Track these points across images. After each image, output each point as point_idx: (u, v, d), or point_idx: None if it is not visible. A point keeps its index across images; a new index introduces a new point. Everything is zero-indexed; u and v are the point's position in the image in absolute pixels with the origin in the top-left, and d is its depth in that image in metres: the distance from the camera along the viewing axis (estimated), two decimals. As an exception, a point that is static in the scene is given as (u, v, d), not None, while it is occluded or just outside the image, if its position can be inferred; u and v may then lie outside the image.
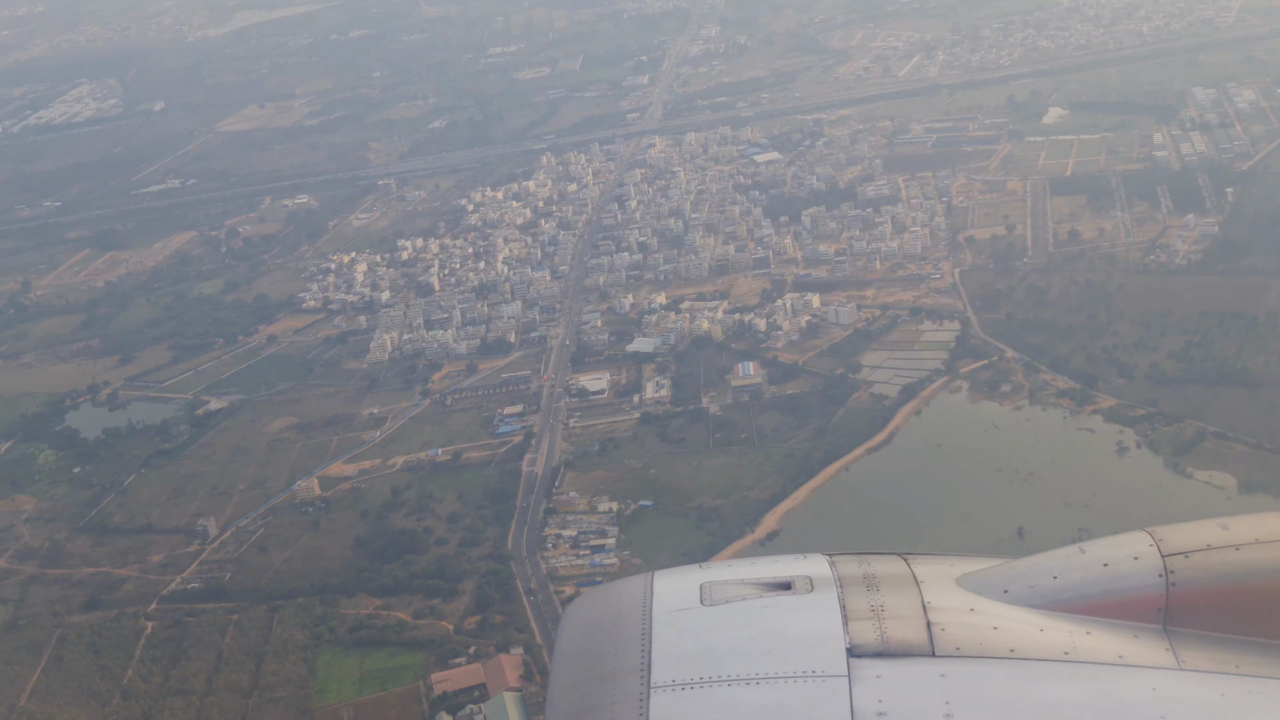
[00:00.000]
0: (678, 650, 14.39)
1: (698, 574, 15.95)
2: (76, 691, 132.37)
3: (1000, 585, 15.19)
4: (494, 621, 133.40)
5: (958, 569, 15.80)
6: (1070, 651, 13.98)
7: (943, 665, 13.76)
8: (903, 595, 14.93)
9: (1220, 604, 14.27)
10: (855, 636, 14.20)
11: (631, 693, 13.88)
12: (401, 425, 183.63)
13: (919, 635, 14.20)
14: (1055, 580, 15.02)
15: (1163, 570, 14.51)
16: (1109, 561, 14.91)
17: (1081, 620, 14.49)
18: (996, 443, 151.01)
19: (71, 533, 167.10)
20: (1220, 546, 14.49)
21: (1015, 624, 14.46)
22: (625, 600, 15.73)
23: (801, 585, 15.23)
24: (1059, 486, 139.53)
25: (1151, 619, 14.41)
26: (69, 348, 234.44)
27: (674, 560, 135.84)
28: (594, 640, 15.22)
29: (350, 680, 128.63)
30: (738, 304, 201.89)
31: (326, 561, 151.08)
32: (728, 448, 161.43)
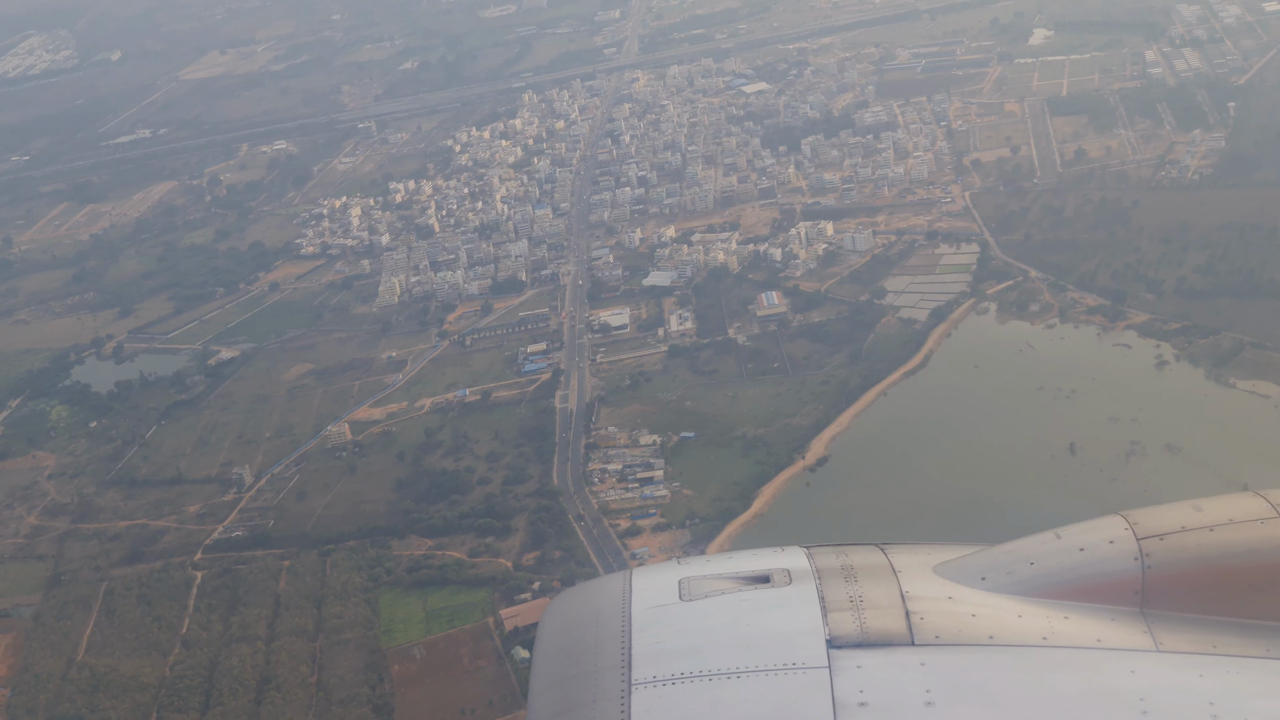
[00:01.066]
0: (658, 646, 14.36)
1: (676, 569, 15.90)
2: (134, 643, 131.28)
3: (977, 573, 15.28)
4: (553, 557, 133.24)
5: (935, 558, 15.83)
6: (1049, 636, 14.06)
7: (922, 654, 13.80)
8: (881, 585, 14.91)
9: (1196, 585, 14.34)
10: (835, 628, 14.20)
11: (613, 690, 13.84)
12: (423, 367, 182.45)
13: (898, 625, 14.23)
14: (1032, 566, 15.10)
15: (1138, 553, 14.59)
16: (1085, 546, 15.01)
17: (1059, 605, 14.54)
18: (1033, 362, 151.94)
19: (99, 487, 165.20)
20: (1195, 528, 14.63)
21: (993, 611, 14.51)
22: (605, 597, 15.63)
23: (780, 578, 15.18)
24: (1103, 402, 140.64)
25: (1129, 602, 14.46)
26: (63, 302, 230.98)
27: (723, 491, 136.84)
28: (574, 638, 15.13)
29: (415, 620, 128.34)
30: (749, 235, 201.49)
31: (369, 505, 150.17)
32: (761, 377, 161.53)
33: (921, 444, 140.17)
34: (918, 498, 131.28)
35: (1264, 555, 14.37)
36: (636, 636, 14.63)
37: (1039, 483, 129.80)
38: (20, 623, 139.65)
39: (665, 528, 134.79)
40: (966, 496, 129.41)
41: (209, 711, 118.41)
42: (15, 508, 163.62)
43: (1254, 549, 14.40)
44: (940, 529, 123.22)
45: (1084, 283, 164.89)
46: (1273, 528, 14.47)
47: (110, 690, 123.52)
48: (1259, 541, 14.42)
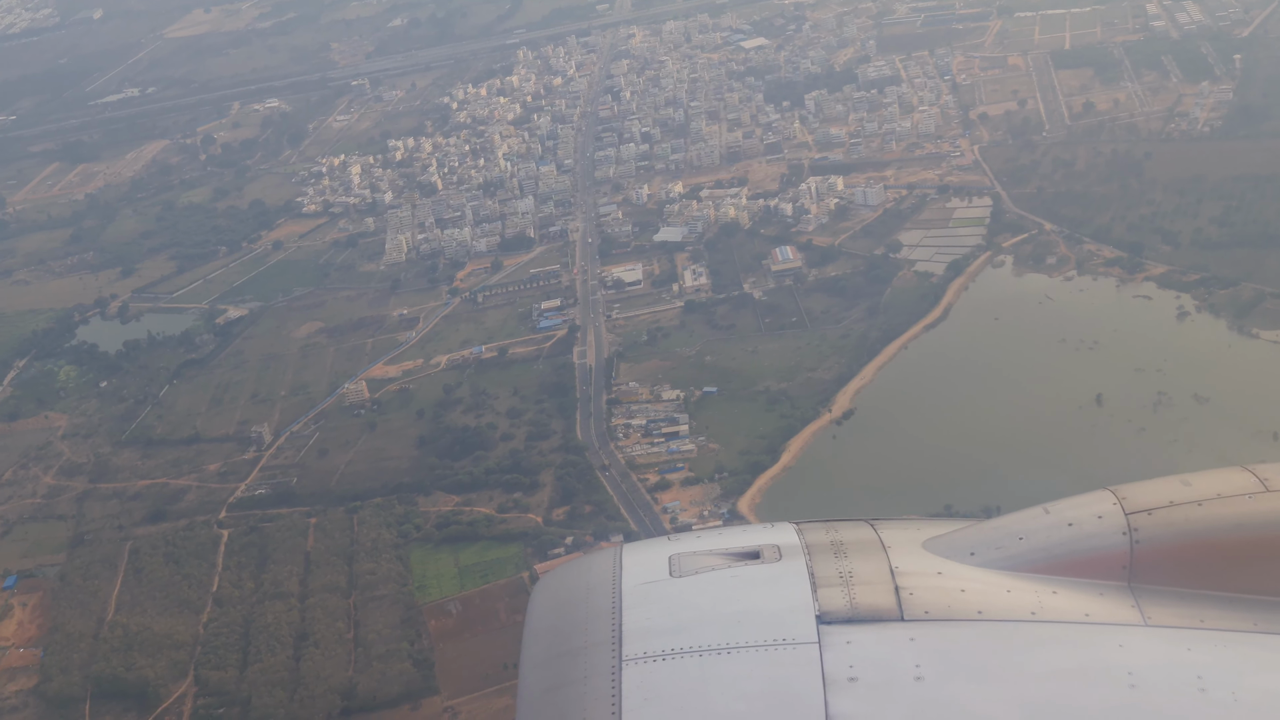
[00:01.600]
0: (648, 623, 14.42)
1: (666, 546, 15.99)
2: (165, 601, 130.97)
3: (967, 548, 15.25)
4: (584, 511, 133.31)
5: (924, 533, 15.81)
6: (1037, 611, 14.08)
7: (912, 629, 13.84)
8: (870, 561, 14.98)
9: (1184, 560, 14.37)
10: (824, 603, 14.25)
11: (603, 666, 13.97)
12: (435, 325, 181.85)
13: (887, 600, 14.27)
14: (1021, 541, 15.06)
15: (1126, 528, 14.53)
16: (1074, 521, 14.93)
17: (1048, 580, 14.55)
18: (1053, 314, 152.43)
19: (114, 447, 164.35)
20: (1183, 503, 14.59)
21: (982, 586, 14.54)
22: (595, 574, 15.71)
23: (770, 554, 15.26)
24: (1127, 353, 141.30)
25: (1117, 577, 14.45)
26: (62, 262, 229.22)
27: (750, 445, 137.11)
28: (564, 615, 15.27)
29: (448, 575, 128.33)
30: (757, 190, 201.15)
31: (392, 462, 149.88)
32: (780, 331, 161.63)
33: (946, 396, 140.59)
34: (946, 450, 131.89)
35: (1252, 530, 14.37)
36: (627, 613, 14.69)
37: (1068, 434, 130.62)
38: (46, 583, 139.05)
39: (694, 481, 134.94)
40: (996, 448, 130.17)
41: (248, 668, 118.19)
42: (30, 468, 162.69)
43: (1242, 523, 14.38)
44: (970, 481, 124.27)
45: (1100, 235, 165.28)
46: (1261, 502, 14.46)
47: (144, 648, 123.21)
48: (1247, 516, 14.40)
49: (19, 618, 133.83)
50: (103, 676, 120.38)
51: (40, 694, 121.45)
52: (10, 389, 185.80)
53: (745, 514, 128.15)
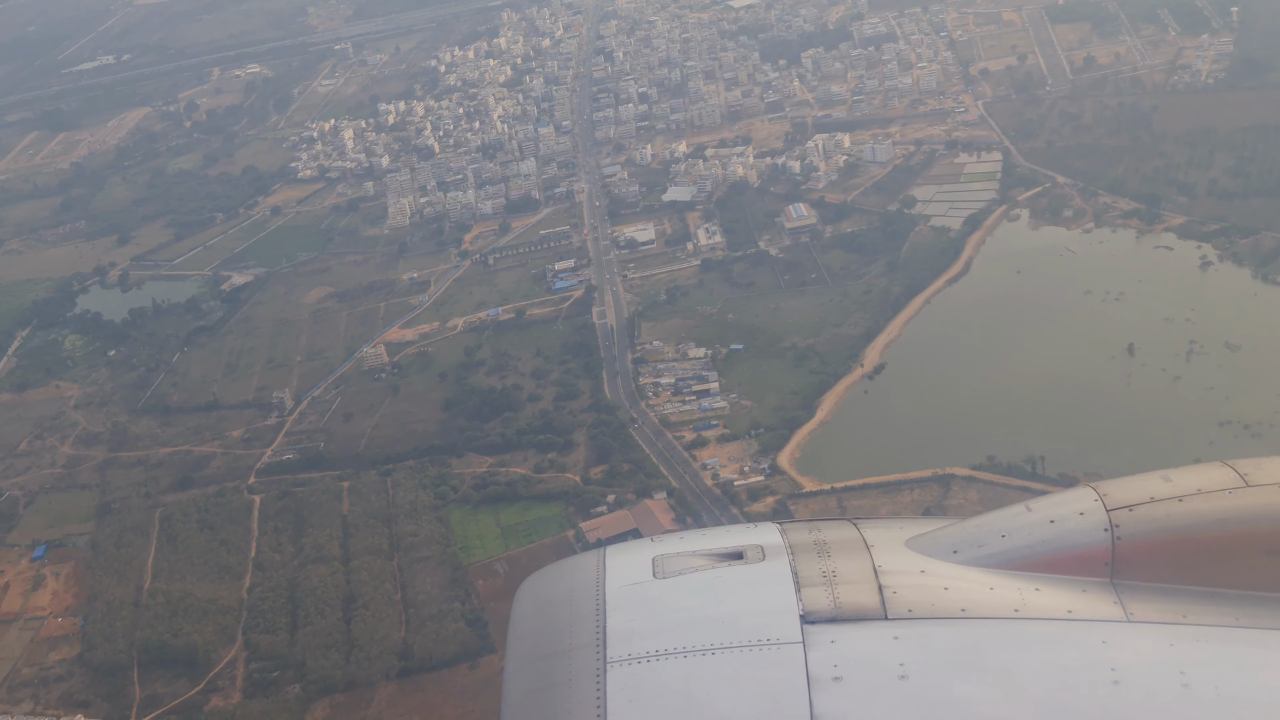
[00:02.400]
0: (632, 624, 14.44)
1: (650, 547, 15.97)
2: (204, 567, 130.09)
3: (950, 546, 15.27)
4: (622, 470, 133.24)
5: (907, 531, 15.83)
6: (1020, 609, 14.15)
7: (895, 627, 13.88)
8: (854, 560, 14.98)
9: (1166, 556, 14.49)
10: (808, 603, 14.23)
11: (588, 668, 13.96)
12: (447, 288, 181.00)
13: (871, 599, 14.29)
14: (1003, 539, 15.11)
15: (1108, 525, 14.61)
16: (1055, 518, 15.01)
17: (1031, 577, 14.62)
18: (1075, 266, 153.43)
19: (132, 415, 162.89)
20: (1164, 499, 14.65)
21: (965, 584, 14.60)
22: (579, 576, 15.74)
23: (753, 554, 15.24)
24: (1153, 303, 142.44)
25: (1099, 573, 14.56)
26: (54, 231, 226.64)
27: (783, 401, 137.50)
28: (549, 617, 15.28)
29: (491, 536, 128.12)
30: (762, 148, 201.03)
31: (419, 425, 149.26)
32: (801, 288, 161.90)
33: (976, 349, 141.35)
34: (982, 401, 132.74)
35: (1232, 525, 14.43)
36: (611, 615, 14.65)
37: (1103, 383, 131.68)
38: (77, 552, 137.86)
39: (730, 438, 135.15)
40: (1032, 399, 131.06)
41: (298, 631, 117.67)
42: (46, 438, 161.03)
43: (1223, 519, 14.42)
44: (1010, 431, 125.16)
45: (1115, 187, 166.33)
46: (1241, 497, 14.50)
47: (189, 614, 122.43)
48: (1228, 511, 14.44)
49: (53, 587, 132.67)
50: (149, 643, 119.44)
51: (85, 662, 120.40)
52: (15, 359, 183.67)
53: (786, 468, 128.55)
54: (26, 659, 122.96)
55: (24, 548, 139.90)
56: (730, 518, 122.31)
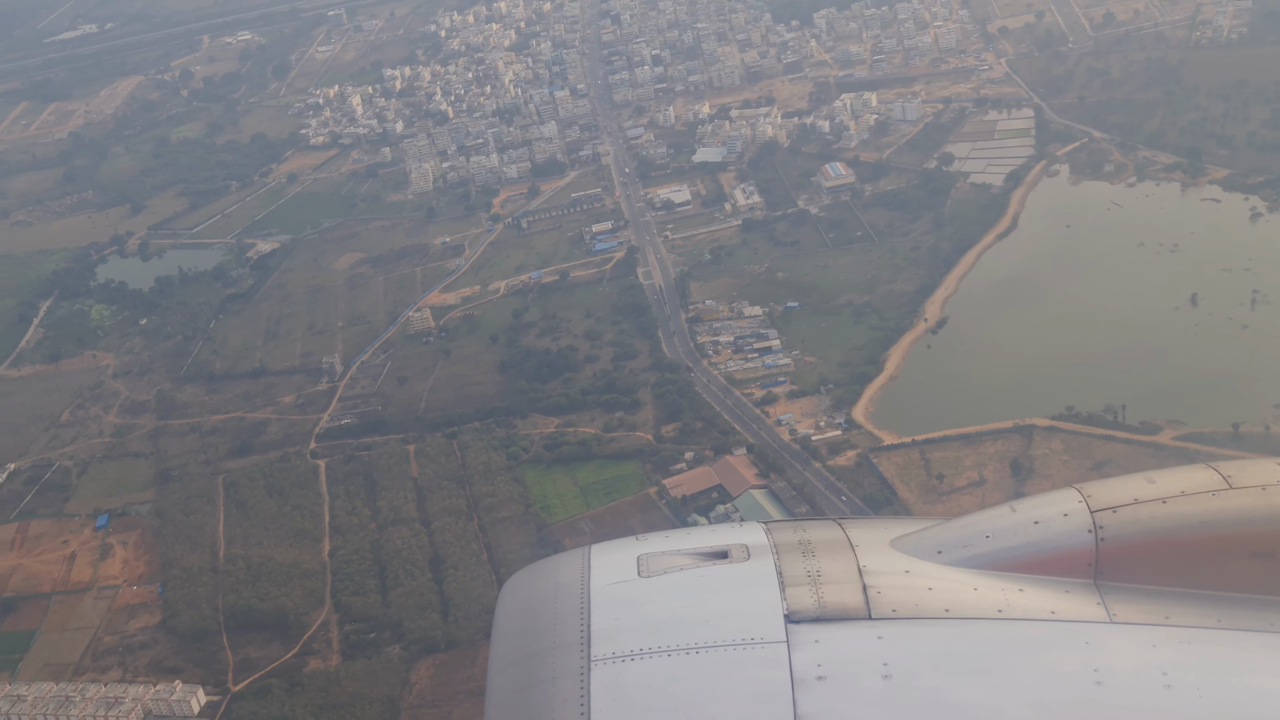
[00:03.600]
0: (617, 623, 14.42)
1: (635, 546, 15.85)
2: (279, 532, 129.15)
3: (934, 546, 15.25)
4: (694, 428, 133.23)
5: (892, 532, 15.78)
6: (1004, 609, 14.19)
7: (879, 627, 13.90)
8: (838, 560, 14.94)
9: (1149, 557, 14.52)
10: (793, 602, 14.21)
11: (572, 667, 13.95)
12: (483, 251, 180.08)
13: (855, 599, 14.27)
14: (988, 540, 15.09)
15: (1092, 526, 14.62)
16: (1039, 519, 14.95)
17: (1014, 578, 14.65)
18: (1123, 219, 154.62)
19: (175, 383, 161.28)
20: (1147, 500, 14.67)
21: (949, 584, 14.61)
22: (563, 574, 15.63)
23: (738, 554, 15.19)
24: (1208, 254, 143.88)
25: (1083, 574, 14.59)
26: (61, 202, 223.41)
27: (848, 357, 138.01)
28: (533, 615, 15.20)
29: (569, 495, 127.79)
30: (786, 109, 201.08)
31: (476, 387, 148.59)
32: (847, 246, 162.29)
33: (1036, 301, 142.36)
34: (1049, 353, 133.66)
35: (1216, 527, 14.43)
36: (595, 613, 14.61)
37: (1171, 333, 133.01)
38: (142, 520, 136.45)
39: (800, 394, 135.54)
40: (1101, 349, 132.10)
41: (390, 593, 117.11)
42: (89, 407, 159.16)
43: (1206, 521, 14.44)
44: (1083, 382, 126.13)
45: (1153, 142, 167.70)
46: (1224, 499, 14.51)
47: (272, 579, 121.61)
48: (1211, 513, 14.46)
49: (123, 556, 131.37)
50: (235, 608, 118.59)
51: (168, 629, 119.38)
52: (42, 330, 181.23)
53: (861, 422, 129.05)
54: (106, 627, 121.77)
55: (84, 517, 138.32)
56: (814, 472, 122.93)
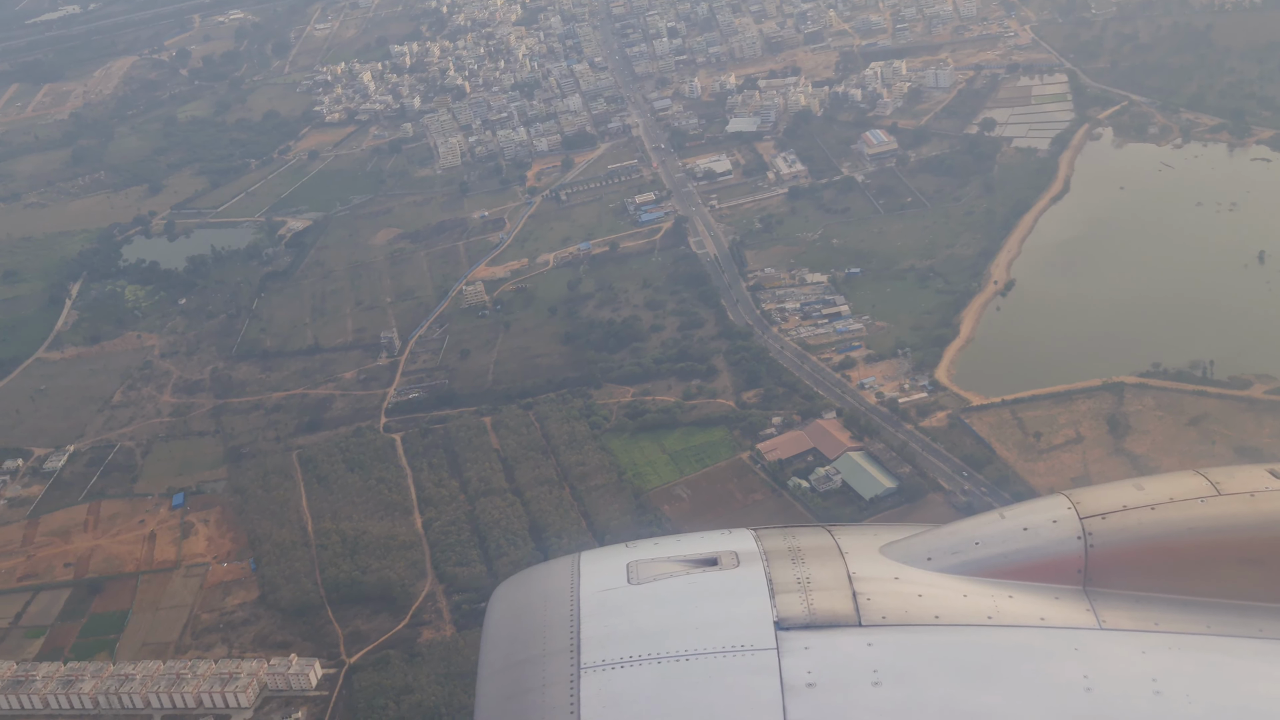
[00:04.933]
0: (607, 630, 14.43)
1: (624, 553, 15.86)
2: (365, 506, 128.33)
3: (923, 553, 15.35)
4: (776, 393, 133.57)
5: (881, 538, 15.90)
6: (994, 616, 14.24)
7: (869, 634, 13.93)
8: (828, 567, 14.99)
9: (1138, 563, 14.60)
10: (782, 609, 14.25)
11: (562, 674, 13.96)
12: (524, 225, 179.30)
13: (845, 606, 14.31)
14: (977, 546, 15.19)
15: (1081, 532, 14.72)
16: (1029, 526, 15.10)
17: (1004, 584, 14.73)
18: (1175, 180, 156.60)
19: (227, 361, 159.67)
20: (1136, 507, 14.78)
21: (939, 591, 14.65)
22: (553, 582, 15.65)
23: (728, 561, 15.21)
24: (1268, 212, 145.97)
25: (1072, 580, 14.66)
26: (72, 183, 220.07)
27: (919, 321, 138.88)
28: (522, 623, 15.20)
29: (659, 462, 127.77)
30: (814, 78, 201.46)
31: (543, 358, 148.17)
32: (899, 212, 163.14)
33: (1101, 262, 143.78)
34: (1121, 312, 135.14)
35: (1204, 533, 14.54)
36: (585, 621, 14.60)
37: (1243, 290, 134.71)
38: (219, 498, 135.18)
39: (877, 359, 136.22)
40: (1175, 307, 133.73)
41: (495, 562, 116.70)
42: (141, 387, 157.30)
43: (1194, 527, 14.54)
44: (1162, 339, 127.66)
45: (1193, 104, 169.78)
46: (1213, 506, 14.63)
47: (370, 552, 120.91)
48: (1199, 519, 14.56)
49: (205, 534, 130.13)
50: (337, 581, 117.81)
51: (268, 604, 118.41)
52: (77, 312, 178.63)
53: (945, 384, 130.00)
54: (202, 605, 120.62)
55: (157, 497, 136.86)
56: (906, 434, 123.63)
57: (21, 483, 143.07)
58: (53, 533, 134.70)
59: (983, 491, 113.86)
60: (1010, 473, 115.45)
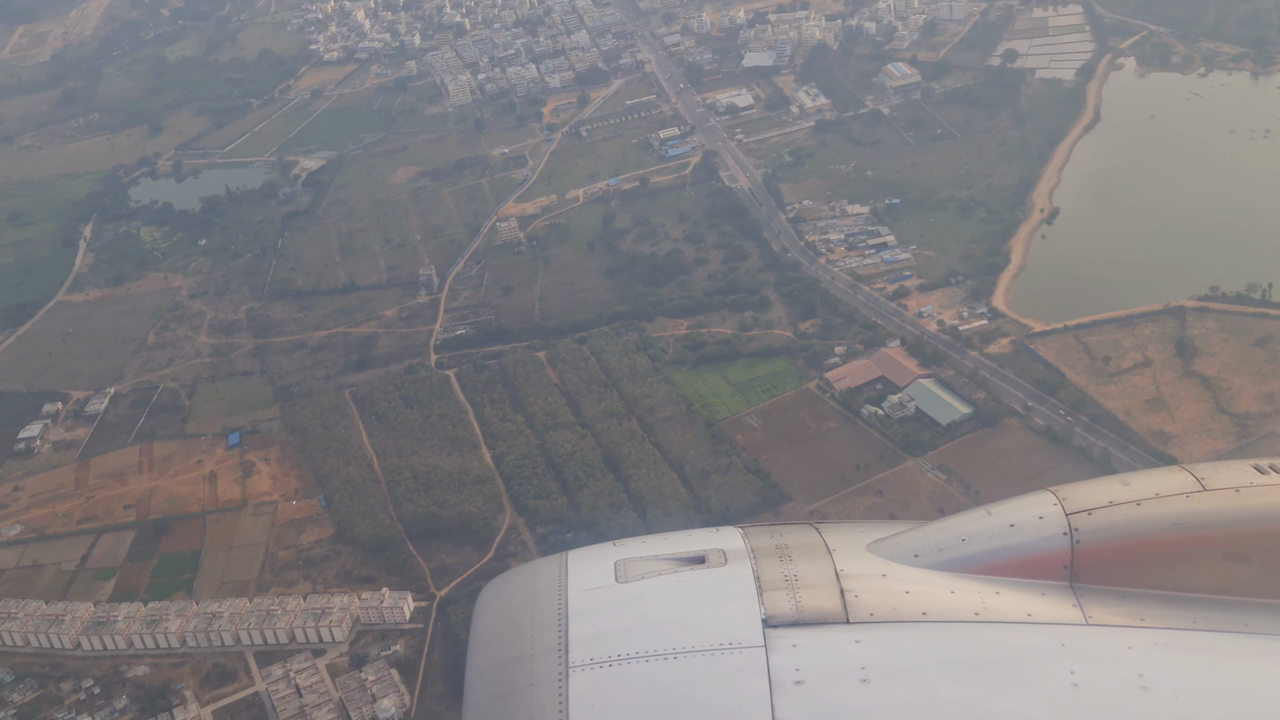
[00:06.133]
0: (595, 629, 14.45)
1: (612, 551, 15.84)
2: (431, 441, 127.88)
3: (911, 550, 15.34)
4: (834, 323, 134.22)
5: (868, 536, 15.88)
6: (981, 612, 14.26)
7: (857, 631, 13.94)
8: (815, 564, 15.02)
9: (1124, 559, 14.60)
10: (770, 607, 14.26)
11: (550, 673, 13.96)
12: (548, 161, 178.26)
13: (833, 603, 14.33)
14: (964, 543, 15.17)
15: (1067, 528, 14.70)
16: (1015, 522, 15.07)
17: (991, 581, 14.75)
18: (1204, 108, 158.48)
19: (260, 301, 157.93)
20: (1122, 503, 14.75)
21: (926, 587, 14.68)
22: (541, 580, 15.66)
23: (715, 559, 15.22)
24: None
25: (1058, 576, 14.67)
26: (67, 125, 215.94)
27: (968, 250, 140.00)
28: (511, 622, 15.19)
29: (725, 393, 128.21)
30: (825, 12, 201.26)
31: (588, 293, 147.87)
32: (931, 144, 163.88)
33: (1141, 189, 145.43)
34: (1169, 238, 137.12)
35: (1190, 528, 14.52)
36: (573, 619, 14.60)
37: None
38: (276, 436, 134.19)
39: (931, 287, 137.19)
40: (1222, 231, 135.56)
41: (576, 494, 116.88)
42: (175, 328, 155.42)
43: (1180, 522, 14.53)
44: (1214, 263, 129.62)
45: (1213, 34, 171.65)
46: (1198, 501, 14.60)
47: (444, 486, 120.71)
48: (1185, 515, 14.55)
49: (267, 473, 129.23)
50: (415, 516, 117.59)
51: (346, 540, 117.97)
52: (93, 255, 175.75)
53: (1004, 311, 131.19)
54: (276, 542, 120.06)
55: (211, 437, 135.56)
56: (971, 361, 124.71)
57: (64, 426, 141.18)
58: (106, 475, 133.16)
59: (1061, 415, 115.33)
60: (1084, 397, 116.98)
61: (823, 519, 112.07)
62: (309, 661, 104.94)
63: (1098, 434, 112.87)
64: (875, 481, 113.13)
